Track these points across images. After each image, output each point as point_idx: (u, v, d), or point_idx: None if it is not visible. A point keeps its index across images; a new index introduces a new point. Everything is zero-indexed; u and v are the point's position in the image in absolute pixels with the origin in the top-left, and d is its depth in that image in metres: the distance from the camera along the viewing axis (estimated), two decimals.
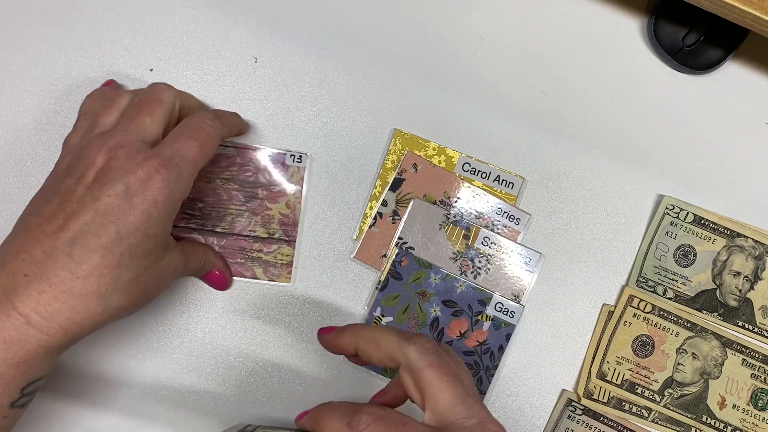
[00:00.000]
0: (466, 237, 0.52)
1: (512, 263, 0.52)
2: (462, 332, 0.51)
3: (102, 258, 0.35)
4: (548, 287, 0.52)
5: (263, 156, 0.49)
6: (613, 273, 0.53)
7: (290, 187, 0.49)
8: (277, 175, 0.49)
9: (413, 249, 0.51)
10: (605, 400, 0.51)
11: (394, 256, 0.51)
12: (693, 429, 0.51)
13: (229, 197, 0.48)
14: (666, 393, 0.51)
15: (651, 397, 0.51)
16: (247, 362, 0.50)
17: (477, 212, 0.52)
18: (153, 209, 0.37)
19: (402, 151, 0.52)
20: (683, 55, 0.53)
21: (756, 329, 0.52)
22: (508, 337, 0.51)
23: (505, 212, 0.52)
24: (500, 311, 0.51)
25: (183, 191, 0.39)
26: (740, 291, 0.52)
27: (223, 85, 0.53)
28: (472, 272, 0.51)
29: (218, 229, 0.48)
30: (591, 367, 0.51)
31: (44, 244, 0.35)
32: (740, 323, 0.52)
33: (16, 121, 0.52)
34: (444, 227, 0.52)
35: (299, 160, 0.49)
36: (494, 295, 0.51)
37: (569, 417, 0.51)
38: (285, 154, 0.49)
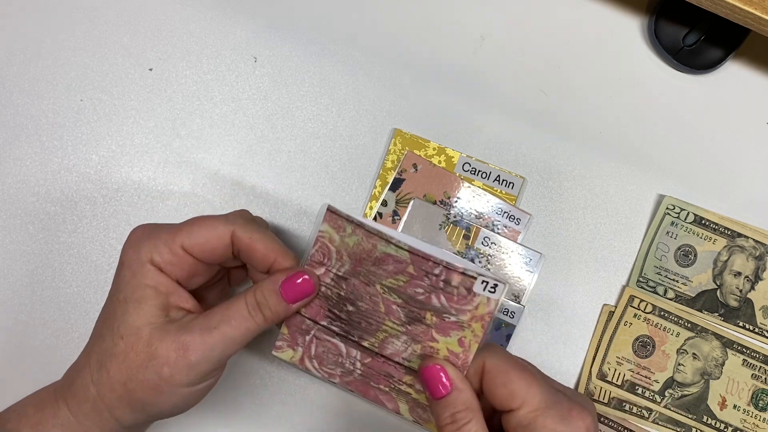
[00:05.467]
0: (466, 237, 0.51)
1: (512, 263, 0.51)
2: None
3: None
4: (548, 287, 0.52)
5: (444, 273, 0.36)
6: (613, 273, 0.52)
7: (470, 321, 0.36)
8: (457, 303, 0.36)
9: None
10: (606, 401, 0.51)
11: None
12: (693, 429, 0.51)
13: (387, 310, 0.37)
14: (666, 393, 0.51)
15: (651, 397, 0.51)
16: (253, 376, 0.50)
17: (477, 212, 0.52)
18: None
19: (402, 151, 0.52)
20: (684, 55, 0.53)
21: (757, 329, 0.52)
22: (508, 337, 0.51)
23: (505, 212, 0.52)
24: (500, 312, 0.51)
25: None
26: (741, 291, 0.52)
27: (223, 84, 0.53)
28: None
29: (365, 343, 0.38)
30: (591, 367, 0.51)
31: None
32: (741, 323, 0.52)
33: (16, 121, 0.52)
34: (444, 227, 0.52)
35: (492, 290, 0.35)
36: None
37: None
38: (475, 278, 0.35)
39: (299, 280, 0.37)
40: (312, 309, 0.38)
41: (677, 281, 0.52)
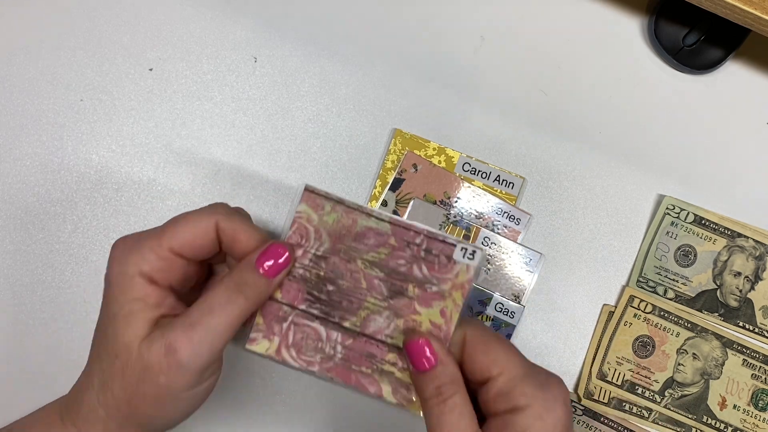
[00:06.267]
0: (467, 237, 0.51)
1: (512, 263, 0.51)
2: None
3: None
4: (548, 287, 0.52)
5: (425, 242, 0.37)
6: (613, 273, 0.52)
7: (451, 290, 0.37)
8: (438, 272, 0.37)
9: None
10: (606, 401, 0.51)
11: None
12: (693, 429, 0.51)
13: (369, 286, 0.37)
14: (666, 393, 0.51)
15: (651, 397, 0.51)
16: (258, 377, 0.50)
17: (477, 212, 0.52)
18: None
19: (402, 151, 0.52)
20: (684, 55, 0.53)
21: (756, 329, 0.52)
22: (508, 337, 0.51)
23: (505, 212, 0.52)
24: (500, 312, 0.51)
25: None
26: (741, 291, 0.52)
27: (223, 84, 0.53)
28: None
29: (346, 324, 0.37)
30: (591, 367, 0.51)
31: None
32: (741, 323, 0.52)
33: (16, 121, 0.52)
34: (444, 227, 0.52)
35: (471, 256, 0.36)
36: (494, 295, 0.51)
37: None
38: (455, 245, 0.37)
39: (274, 251, 0.36)
40: (290, 293, 0.37)
41: (677, 281, 0.52)
